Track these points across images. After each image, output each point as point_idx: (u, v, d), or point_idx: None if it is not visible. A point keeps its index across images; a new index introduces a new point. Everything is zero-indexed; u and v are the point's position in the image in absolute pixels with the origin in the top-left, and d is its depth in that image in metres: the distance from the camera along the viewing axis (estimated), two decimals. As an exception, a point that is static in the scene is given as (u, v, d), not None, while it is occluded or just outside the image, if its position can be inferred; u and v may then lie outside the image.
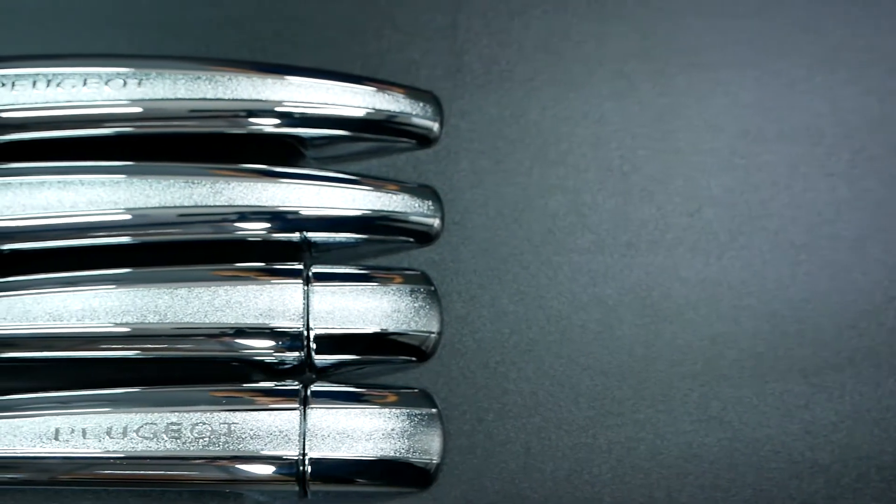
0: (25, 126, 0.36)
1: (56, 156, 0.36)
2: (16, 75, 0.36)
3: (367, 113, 0.37)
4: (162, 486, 0.33)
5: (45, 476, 0.32)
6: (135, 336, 0.34)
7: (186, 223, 0.35)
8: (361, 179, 0.37)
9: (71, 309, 0.33)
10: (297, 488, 0.33)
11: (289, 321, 0.34)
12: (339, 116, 0.37)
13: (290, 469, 0.32)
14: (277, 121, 0.37)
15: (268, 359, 0.34)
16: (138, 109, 0.36)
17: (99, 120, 0.36)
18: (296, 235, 0.36)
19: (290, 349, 0.34)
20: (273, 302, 0.34)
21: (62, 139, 0.36)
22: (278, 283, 0.34)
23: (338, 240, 0.36)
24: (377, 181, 0.37)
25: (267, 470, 0.32)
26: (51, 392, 0.33)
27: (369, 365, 0.35)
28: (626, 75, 0.39)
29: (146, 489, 0.33)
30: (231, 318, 0.34)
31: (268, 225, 0.35)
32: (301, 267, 0.35)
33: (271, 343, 0.34)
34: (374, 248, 0.37)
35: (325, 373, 0.35)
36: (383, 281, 0.35)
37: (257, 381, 0.35)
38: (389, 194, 0.36)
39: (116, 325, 0.33)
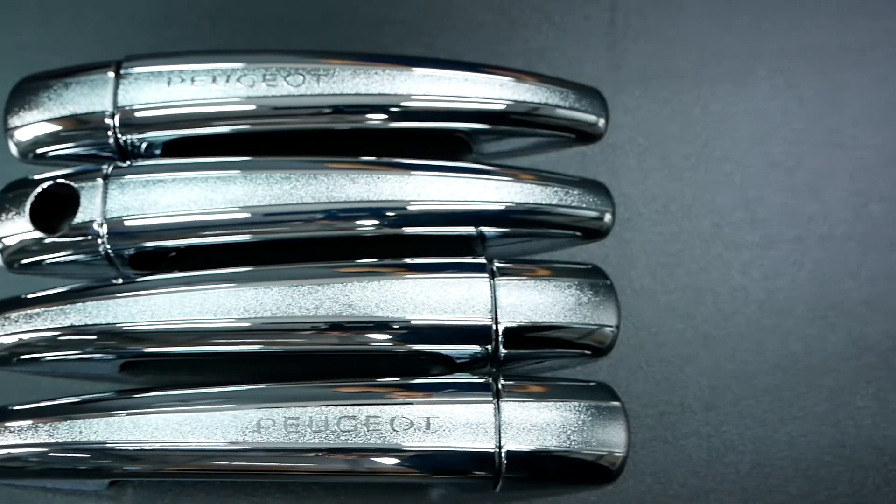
0: (205, 121, 0.36)
1: (235, 151, 0.36)
2: (193, 71, 0.36)
3: (535, 108, 0.37)
4: (357, 478, 0.33)
5: (242, 468, 0.32)
6: (324, 330, 0.34)
7: (363, 218, 0.35)
8: (534, 174, 0.37)
9: (260, 303, 0.34)
10: (490, 481, 0.33)
11: (478, 315, 0.34)
12: (507, 112, 0.37)
13: (486, 461, 0.32)
14: (447, 116, 0.37)
15: (455, 352, 0.34)
16: (311, 105, 0.36)
17: (271, 115, 0.36)
18: (471, 230, 0.36)
19: (479, 343, 0.34)
20: (461, 296, 0.34)
21: (239, 134, 0.36)
22: (465, 278, 0.34)
23: (511, 234, 0.36)
24: (549, 176, 0.37)
25: (463, 462, 0.32)
26: (250, 385, 0.33)
27: (550, 359, 0.35)
28: (784, 71, 0.39)
29: (337, 481, 0.33)
30: (419, 312, 0.34)
31: (444, 220, 0.36)
32: (485, 261, 0.35)
33: (460, 337, 0.34)
34: (543, 243, 0.37)
35: (505, 366, 0.35)
36: (563, 274, 0.35)
37: (441, 375, 0.35)
38: (561, 190, 0.37)
39: (305, 319, 0.34)
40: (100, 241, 0.34)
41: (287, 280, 0.34)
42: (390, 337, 0.34)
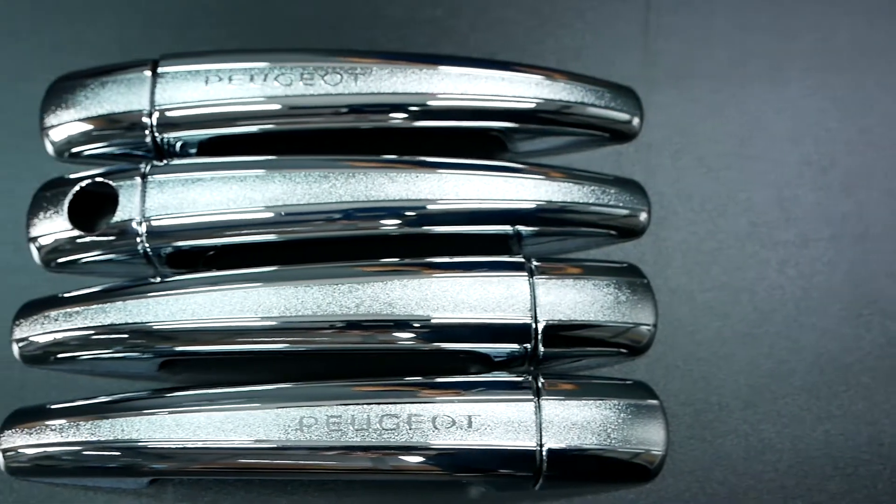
0: (244, 120, 0.36)
1: (270, 150, 0.36)
2: (230, 70, 0.36)
3: (570, 107, 0.37)
4: (399, 476, 0.33)
5: (284, 466, 0.32)
6: (363, 329, 0.34)
7: (400, 217, 0.35)
8: (570, 173, 0.37)
9: (299, 302, 0.34)
10: (529, 480, 0.33)
11: (518, 313, 0.34)
12: (542, 110, 0.37)
13: (527, 459, 0.32)
14: (484, 115, 0.37)
15: (494, 351, 0.34)
16: (348, 104, 0.36)
17: (308, 114, 0.36)
18: (508, 229, 0.36)
19: (518, 341, 0.34)
20: (500, 295, 0.34)
21: (275, 133, 0.36)
22: (504, 276, 0.34)
23: (547, 233, 0.36)
24: (586, 175, 0.37)
25: (505, 460, 0.32)
26: (292, 384, 0.33)
27: (587, 357, 0.35)
28: (818, 70, 0.39)
29: (379, 480, 0.33)
30: (459, 311, 0.34)
31: (481, 218, 0.36)
32: (524, 260, 0.35)
33: (500, 335, 0.34)
34: (578, 242, 0.37)
35: (543, 365, 0.35)
36: (600, 273, 0.35)
37: (476, 373, 0.35)
38: (598, 188, 0.37)
39: (343, 318, 0.34)
40: (138, 239, 0.34)
41: (326, 279, 0.34)
42: (430, 336, 0.34)
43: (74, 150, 0.36)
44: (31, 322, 0.34)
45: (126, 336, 0.34)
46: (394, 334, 0.34)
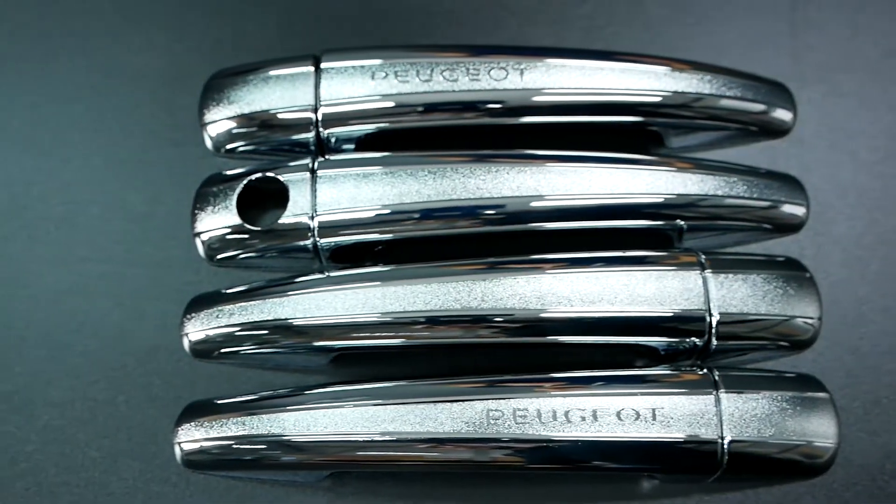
0: (410, 115, 0.36)
1: (429, 145, 0.36)
2: (393, 65, 0.36)
3: (726, 102, 0.37)
4: (583, 470, 0.33)
5: (467, 459, 0.32)
6: (537, 323, 0.34)
7: (567, 211, 0.35)
8: (731, 168, 0.37)
9: (470, 296, 0.34)
10: (708, 472, 0.33)
11: (692, 307, 0.34)
12: (699, 106, 0.37)
13: (709, 452, 0.32)
14: (643, 110, 0.37)
15: (665, 344, 0.34)
16: (516, 99, 0.36)
17: (473, 110, 0.36)
18: (671, 223, 0.36)
19: (692, 334, 0.34)
20: (674, 288, 0.34)
21: (439, 128, 0.37)
22: (678, 270, 0.34)
23: (709, 228, 0.37)
24: (745, 170, 0.37)
25: (688, 453, 0.32)
26: (474, 377, 0.33)
27: (754, 351, 0.35)
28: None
29: (561, 472, 0.33)
30: (633, 304, 0.34)
31: (646, 213, 0.36)
32: (695, 253, 0.35)
33: (674, 328, 0.34)
34: (737, 236, 0.38)
35: (712, 358, 0.35)
36: (765, 267, 0.35)
37: (644, 367, 0.35)
38: (760, 183, 0.37)
39: (516, 312, 0.34)
40: (309, 234, 0.35)
41: (497, 273, 0.34)
42: (604, 329, 0.34)
43: (233, 145, 0.37)
44: (201, 316, 0.34)
45: (296, 331, 0.34)
46: (567, 327, 0.34)
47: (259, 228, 0.35)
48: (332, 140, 0.37)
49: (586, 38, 0.40)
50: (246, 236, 0.35)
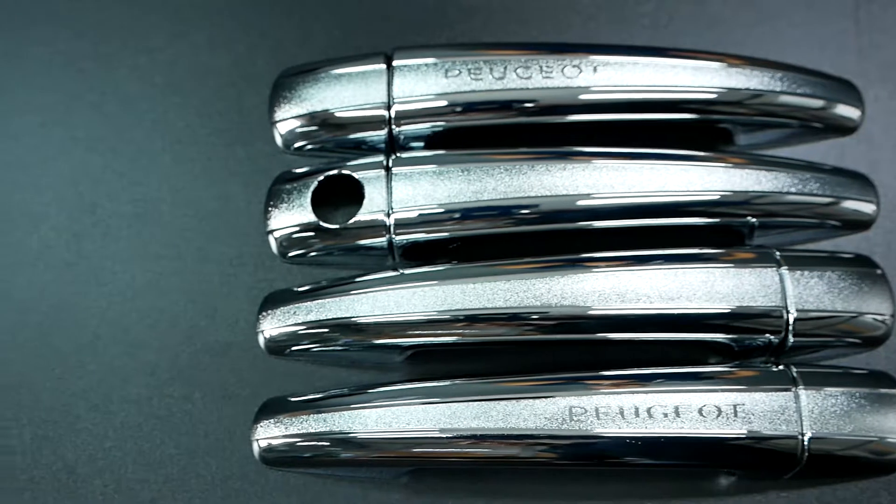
0: (485, 112, 0.36)
1: (498, 143, 0.37)
2: (464, 62, 0.36)
3: (794, 99, 0.37)
4: (663, 467, 0.33)
5: (550, 456, 0.32)
6: (615, 320, 0.34)
7: (642, 208, 0.35)
8: (801, 165, 0.37)
9: (547, 293, 0.34)
10: (787, 468, 0.33)
11: (770, 304, 0.34)
12: (769, 103, 0.37)
13: (789, 448, 0.32)
14: (715, 109, 0.37)
15: (741, 341, 0.34)
16: (590, 97, 0.36)
17: (548, 107, 0.36)
18: (743, 220, 0.36)
19: (769, 331, 0.34)
20: (752, 285, 0.34)
21: (510, 126, 0.37)
22: (755, 268, 0.34)
23: (781, 225, 0.37)
24: (816, 167, 0.37)
25: (768, 449, 0.32)
26: (554, 374, 0.33)
27: (828, 348, 0.35)
28: None
29: (641, 468, 0.33)
30: (711, 301, 0.34)
31: (719, 210, 0.36)
32: (770, 251, 0.35)
33: (752, 326, 0.34)
34: (807, 233, 0.38)
35: (787, 355, 0.35)
36: (839, 264, 0.35)
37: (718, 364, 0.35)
38: (827, 180, 0.37)
39: (593, 309, 0.34)
40: (385, 231, 0.35)
41: (575, 270, 0.34)
42: (682, 326, 0.34)
43: (303, 143, 0.37)
44: (276, 314, 0.34)
45: (373, 328, 0.34)
46: (644, 325, 0.34)
47: (335, 226, 0.35)
48: (401, 137, 0.37)
49: (650, 35, 0.40)
50: (320, 234, 0.35)
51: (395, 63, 0.36)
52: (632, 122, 0.37)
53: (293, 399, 0.34)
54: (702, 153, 0.36)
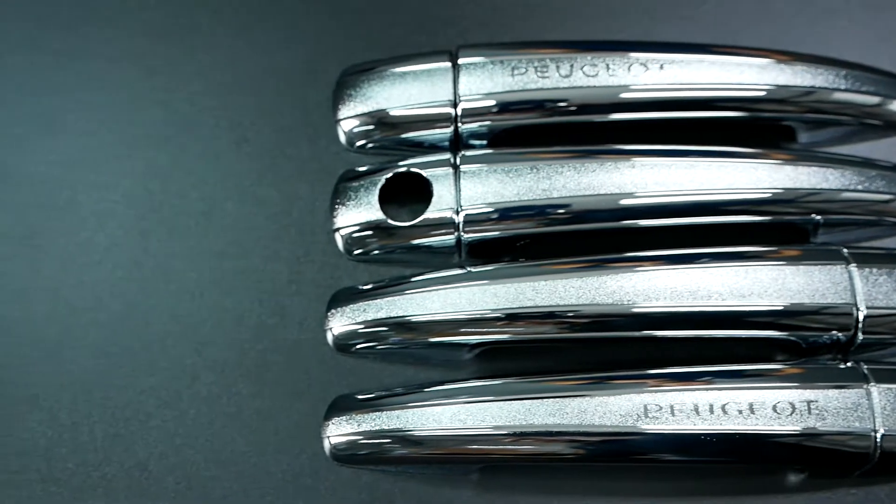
0: (552, 111, 0.36)
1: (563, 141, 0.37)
2: (530, 60, 0.36)
3: (851, 97, 0.37)
4: (739, 464, 0.33)
5: (625, 453, 0.33)
6: (683, 318, 0.34)
7: (704, 206, 0.36)
8: (866, 162, 0.37)
9: (612, 290, 0.34)
10: (857, 466, 0.33)
11: (840, 300, 0.34)
12: (831, 101, 0.37)
13: (862, 446, 0.33)
14: (776, 106, 0.37)
15: (810, 338, 0.34)
16: (653, 95, 0.36)
17: (614, 105, 0.36)
18: (809, 217, 0.36)
19: (838, 328, 0.34)
20: (822, 282, 0.34)
21: (576, 124, 0.37)
22: (824, 265, 0.34)
23: (843, 222, 0.37)
24: (879, 164, 0.37)
25: (841, 447, 0.33)
26: (627, 371, 0.34)
27: (894, 346, 0.36)
28: None
29: (716, 465, 0.34)
30: (782, 298, 0.34)
31: (784, 208, 0.36)
32: (838, 248, 0.35)
33: (822, 323, 0.34)
34: (869, 231, 0.38)
35: (855, 353, 0.35)
36: (904, 261, 0.35)
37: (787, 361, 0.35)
38: (892, 178, 0.37)
39: (660, 307, 0.34)
40: (454, 229, 0.35)
41: (646, 267, 0.34)
42: (752, 323, 0.34)
43: (367, 141, 0.37)
44: (345, 311, 0.35)
45: (442, 325, 0.34)
46: (713, 322, 0.34)
47: (403, 224, 0.35)
48: (465, 135, 0.37)
49: (710, 33, 0.40)
50: (387, 232, 0.35)
51: (460, 61, 0.36)
52: (696, 119, 0.37)
53: (363, 396, 0.34)
54: (767, 150, 0.37)
